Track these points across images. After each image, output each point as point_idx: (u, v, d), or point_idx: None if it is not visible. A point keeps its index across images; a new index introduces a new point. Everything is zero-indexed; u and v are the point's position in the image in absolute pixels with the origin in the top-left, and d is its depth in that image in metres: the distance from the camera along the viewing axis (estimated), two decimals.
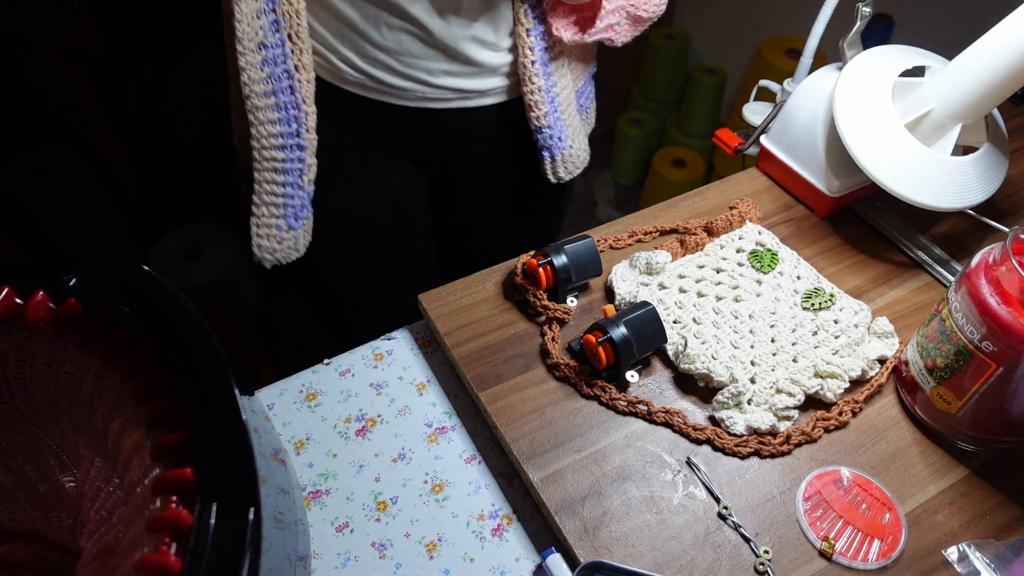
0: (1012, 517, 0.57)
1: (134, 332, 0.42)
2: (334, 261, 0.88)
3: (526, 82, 0.77)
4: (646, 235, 0.76)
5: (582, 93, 0.88)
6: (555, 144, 0.81)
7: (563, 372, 0.63)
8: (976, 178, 0.71)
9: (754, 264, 0.71)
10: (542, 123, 0.80)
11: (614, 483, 0.57)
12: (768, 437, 0.59)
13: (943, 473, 0.59)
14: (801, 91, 0.78)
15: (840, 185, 0.76)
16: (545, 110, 0.79)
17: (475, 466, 0.60)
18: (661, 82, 2.23)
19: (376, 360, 0.67)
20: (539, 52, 0.76)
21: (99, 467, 0.48)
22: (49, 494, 0.52)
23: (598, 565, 0.51)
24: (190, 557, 0.33)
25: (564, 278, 0.66)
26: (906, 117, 0.71)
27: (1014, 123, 0.92)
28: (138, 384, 0.40)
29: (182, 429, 0.37)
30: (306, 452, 0.60)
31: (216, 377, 0.39)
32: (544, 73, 0.77)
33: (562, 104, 0.81)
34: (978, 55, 0.67)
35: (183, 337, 0.41)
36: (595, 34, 0.76)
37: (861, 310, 0.66)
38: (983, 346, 0.53)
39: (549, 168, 0.83)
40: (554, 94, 0.79)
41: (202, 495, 0.34)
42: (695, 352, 0.62)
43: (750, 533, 0.54)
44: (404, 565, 0.54)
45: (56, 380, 0.45)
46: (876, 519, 0.55)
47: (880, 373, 0.64)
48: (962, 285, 0.55)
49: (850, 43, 0.75)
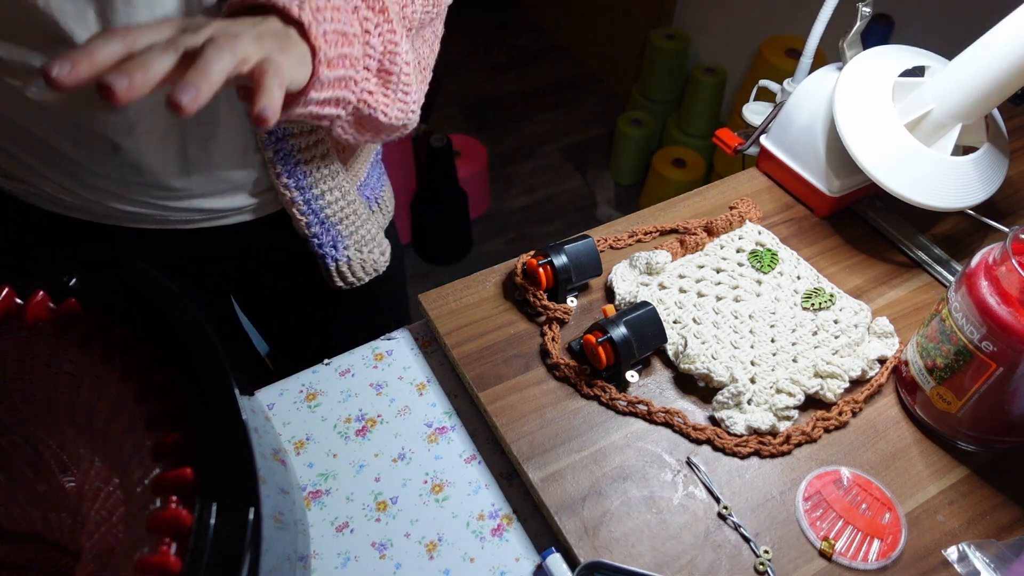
0: (1012, 517, 0.57)
1: (134, 332, 0.42)
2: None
3: (280, 193, 0.66)
4: (646, 235, 0.76)
5: (366, 185, 0.76)
6: (329, 252, 0.72)
7: (563, 372, 0.63)
8: (976, 178, 0.71)
9: (754, 264, 0.71)
10: (308, 232, 0.70)
11: (614, 483, 0.57)
12: (768, 437, 0.59)
13: (943, 473, 0.59)
14: (801, 91, 0.78)
15: (840, 185, 0.76)
16: (307, 220, 0.68)
17: (475, 466, 0.60)
18: (661, 82, 2.23)
19: (376, 360, 0.67)
20: (283, 166, 0.64)
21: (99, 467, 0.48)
22: (49, 494, 0.52)
23: (598, 565, 0.51)
24: (190, 557, 0.33)
25: (564, 278, 0.66)
26: (906, 117, 0.71)
27: (1014, 123, 0.92)
28: (138, 384, 0.40)
29: (182, 429, 0.37)
30: (306, 452, 0.60)
31: (216, 377, 0.39)
32: (297, 186, 0.66)
33: (331, 212, 0.70)
34: (978, 55, 0.67)
35: (183, 337, 0.41)
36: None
37: (861, 310, 0.66)
38: (983, 346, 0.53)
39: (335, 274, 0.74)
40: (317, 206, 0.68)
41: (202, 495, 0.34)
42: (695, 352, 0.62)
43: (750, 533, 0.54)
44: (404, 565, 0.54)
45: (56, 380, 0.45)
46: (876, 519, 0.55)
47: (880, 373, 0.64)
48: (962, 285, 0.55)
49: (850, 43, 0.75)
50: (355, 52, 0.50)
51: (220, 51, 0.39)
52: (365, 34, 0.51)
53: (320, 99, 0.49)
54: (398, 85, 0.55)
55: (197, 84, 0.37)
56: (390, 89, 0.55)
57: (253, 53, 0.41)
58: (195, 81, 0.37)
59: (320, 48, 0.46)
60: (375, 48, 0.52)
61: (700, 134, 2.17)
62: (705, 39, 2.22)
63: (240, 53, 0.40)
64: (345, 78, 0.50)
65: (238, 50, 0.40)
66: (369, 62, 0.52)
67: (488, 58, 2.79)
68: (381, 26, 0.52)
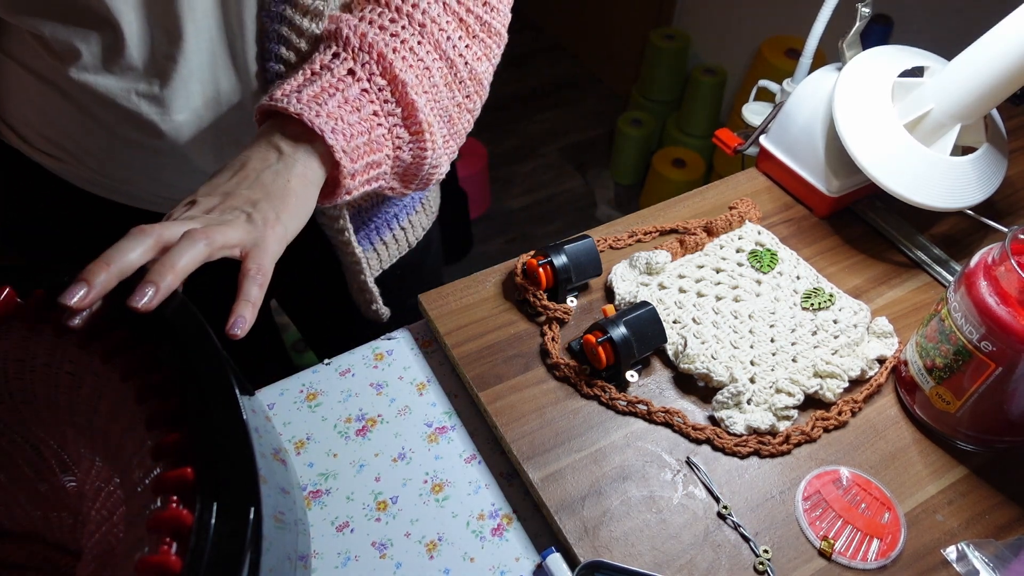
0: (1011, 516, 0.57)
1: (134, 332, 0.42)
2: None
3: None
4: (646, 235, 0.76)
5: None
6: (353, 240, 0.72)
7: (563, 372, 0.63)
8: (975, 178, 0.72)
9: (754, 264, 0.71)
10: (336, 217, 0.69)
11: (614, 483, 0.57)
12: (768, 437, 0.59)
13: (942, 473, 0.59)
14: (801, 91, 0.78)
15: (840, 185, 0.76)
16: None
17: (475, 466, 0.60)
18: (661, 82, 2.23)
19: (376, 360, 0.67)
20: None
21: (99, 467, 0.48)
22: (49, 494, 0.52)
23: (598, 565, 0.52)
24: (190, 557, 0.33)
25: (564, 278, 0.66)
26: (905, 117, 0.71)
27: (1013, 123, 0.92)
28: (138, 384, 0.40)
29: (182, 429, 0.37)
30: (306, 452, 0.60)
31: (216, 377, 0.39)
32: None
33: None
34: (977, 55, 0.67)
35: (183, 337, 0.41)
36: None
37: (860, 310, 0.67)
38: (982, 346, 0.53)
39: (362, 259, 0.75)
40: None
41: (202, 495, 0.34)
42: (695, 352, 0.62)
43: (750, 533, 0.54)
44: (404, 565, 0.54)
45: (56, 380, 0.45)
46: (875, 519, 0.55)
47: (879, 373, 0.64)
48: (961, 285, 0.55)
49: (849, 43, 0.75)
50: (381, 160, 0.55)
51: (193, 244, 0.42)
52: (396, 150, 0.56)
53: (348, 198, 0.55)
54: (422, 180, 0.61)
55: (156, 282, 0.41)
56: (414, 183, 0.61)
57: (240, 240, 0.45)
58: (154, 279, 0.41)
59: (344, 167, 0.51)
60: (404, 160, 0.57)
61: (700, 134, 2.17)
62: (705, 39, 2.22)
63: (219, 242, 0.43)
64: (370, 179, 0.55)
65: (217, 240, 0.43)
66: (397, 169, 0.58)
67: None
68: (412, 143, 0.57)
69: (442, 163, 0.61)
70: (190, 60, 0.56)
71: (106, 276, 0.40)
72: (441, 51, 0.57)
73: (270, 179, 0.49)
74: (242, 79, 0.59)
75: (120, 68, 0.56)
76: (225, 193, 0.48)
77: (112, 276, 0.41)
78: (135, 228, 0.43)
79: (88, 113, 0.60)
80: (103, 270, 0.40)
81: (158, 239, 0.43)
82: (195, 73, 0.57)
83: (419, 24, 0.55)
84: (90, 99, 0.58)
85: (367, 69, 0.53)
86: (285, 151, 0.50)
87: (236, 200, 0.47)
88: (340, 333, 0.88)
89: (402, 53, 0.54)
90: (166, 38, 0.55)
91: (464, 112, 0.61)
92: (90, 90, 0.57)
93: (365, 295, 0.76)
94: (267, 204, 0.47)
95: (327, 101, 0.51)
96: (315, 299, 0.89)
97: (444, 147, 0.60)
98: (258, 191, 0.48)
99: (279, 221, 0.48)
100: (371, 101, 0.53)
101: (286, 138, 0.50)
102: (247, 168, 0.49)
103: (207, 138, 0.62)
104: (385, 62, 0.53)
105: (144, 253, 0.42)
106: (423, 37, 0.56)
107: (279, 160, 0.49)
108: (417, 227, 0.81)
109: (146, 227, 0.43)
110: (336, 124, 0.50)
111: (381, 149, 0.54)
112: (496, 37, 0.62)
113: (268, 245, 0.46)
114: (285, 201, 0.48)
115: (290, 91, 0.51)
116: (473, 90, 0.60)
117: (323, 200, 0.54)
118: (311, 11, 0.54)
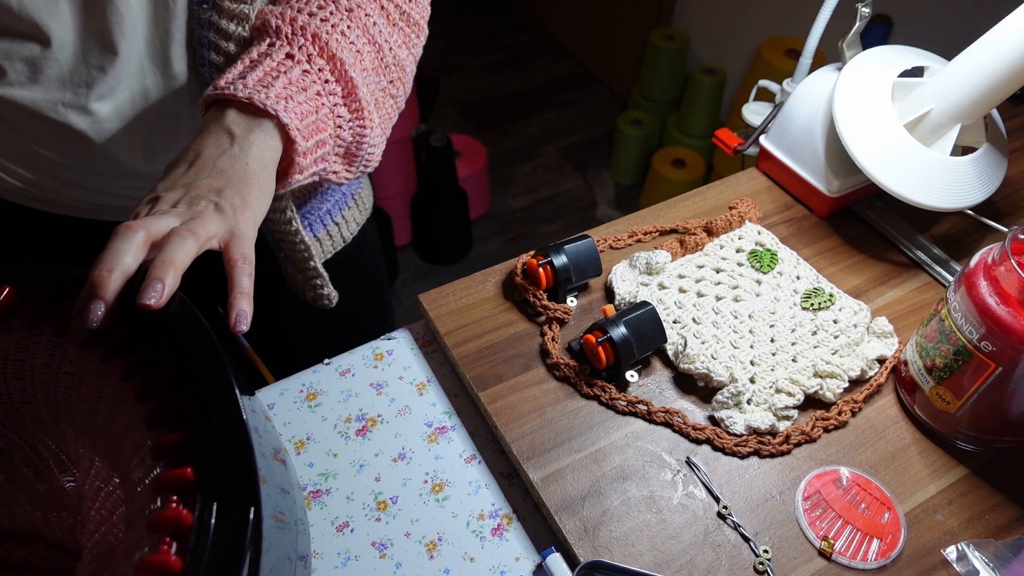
0: (1011, 516, 0.57)
1: (134, 332, 0.42)
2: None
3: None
4: (646, 235, 0.76)
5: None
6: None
7: (563, 372, 0.63)
8: (975, 178, 0.72)
9: (754, 264, 0.71)
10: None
11: (614, 483, 0.57)
12: (768, 437, 0.59)
13: (942, 473, 0.59)
14: (800, 91, 0.78)
15: (840, 185, 0.76)
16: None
17: (475, 466, 0.60)
18: (661, 82, 2.23)
19: (376, 360, 0.67)
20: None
21: (99, 467, 0.48)
22: (49, 494, 0.52)
23: (598, 565, 0.52)
24: (190, 557, 0.33)
25: (564, 278, 0.66)
26: (905, 117, 0.71)
27: (1013, 123, 0.92)
28: (138, 384, 0.40)
29: (182, 429, 0.37)
30: (306, 452, 0.60)
31: (216, 377, 0.39)
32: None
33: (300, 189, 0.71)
34: (977, 55, 0.67)
35: (183, 337, 0.41)
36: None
37: (860, 310, 0.67)
38: (982, 346, 0.53)
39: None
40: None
41: (202, 495, 0.34)
42: (695, 352, 0.62)
43: (750, 533, 0.54)
44: (404, 565, 0.54)
45: (56, 380, 0.45)
46: (875, 518, 0.55)
47: (879, 373, 0.64)
48: (961, 285, 0.55)
49: (849, 43, 0.75)
50: (326, 140, 0.55)
51: (183, 240, 0.42)
52: (338, 129, 0.56)
53: (297, 181, 0.55)
54: (361, 162, 0.61)
55: (162, 278, 0.41)
56: (354, 166, 0.60)
57: (216, 230, 0.45)
58: (159, 276, 0.41)
59: (299, 144, 0.52)
60: (344, 140, 0.57)
61: (700, 134, 2.17)
62: (705, 39, 2.22)
63: (203, 235, 0.43)
64: (319, 159, 0.55)
65: (201, 233, 0.43)
66: (339, 150, 0.58)
67: (488, 58, 2.79)
68: (352, 121, 0.57)
69: (378, 144, 0.61)
70: (119, 70, 0.56)
71: (113, 284, 0.40)
72: (369, 35, 0.57)
73: (228, 164, 0.48)
74: (172, 84, 0.59)
75: (47, 81, 0.56)
76: (186, 185, 0.47)
77: (117, 281, 0.41)
78: (121, 225, 0.42)
79: (14, 127, 0.59)
80: (108, 278, 0.40)
81: (147, 235, 0.42)
82: (123, 81, 0.57)
83: (346, 9, 0.56)
84: (16, 113, 0.58)
85: (304, 51, 0.53)
86: (238, 134, 0.49)
87: (199, 190, 0.46)
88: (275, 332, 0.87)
89: (335, 35, 0.54)
90: (98, 50, 0.55)
91: (388, 98, 0.61)
92: (16, 105, 0.56)
93: (315, 280, 0.75)
94: (232, 190, 0.47)
95: (272, 83, 0.51)
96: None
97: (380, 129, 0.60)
98: (219, 179, 0.47)
99: (247, 206, 0.47)
100: (313, 81, 0.53)
101: (236, 123, 0.50)
102: (202, 157, 0.48)
103: (137, 144, 0.61)
104: (321, 42, 0.54)
105: (138, 253, 0.42)
106: (352, 21, 0.56)
107: (233, 144, 0.49)
108: (351, 222, 0.80)
109: (132, 223, 0.43)
110: (287, 104, 0.50)
111: (325, 128, 0.54)
112: (415, 28, 0.62)
113: (244, 231, 0.46)
114: (248, 185, 0.48)
115: (233, 79, 0.50)
116: (397, 76, 0.61)
117: (276, 185, 0.53)
118: (236, 15, 0.54)
